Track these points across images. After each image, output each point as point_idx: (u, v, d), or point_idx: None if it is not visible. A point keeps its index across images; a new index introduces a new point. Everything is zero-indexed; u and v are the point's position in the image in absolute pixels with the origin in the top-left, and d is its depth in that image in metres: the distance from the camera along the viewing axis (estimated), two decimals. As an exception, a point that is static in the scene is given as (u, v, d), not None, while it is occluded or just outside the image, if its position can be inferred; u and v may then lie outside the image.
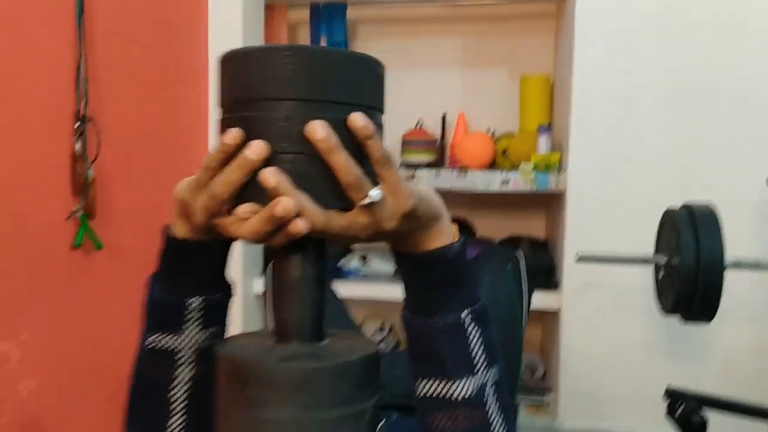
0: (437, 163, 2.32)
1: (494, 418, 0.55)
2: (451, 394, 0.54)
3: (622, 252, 1.54)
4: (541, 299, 2.05)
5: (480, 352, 0.55)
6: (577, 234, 2.00)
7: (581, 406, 2.05)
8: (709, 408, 1.43)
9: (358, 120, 0.44)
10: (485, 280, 1.14)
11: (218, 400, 0.48)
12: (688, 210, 1.44)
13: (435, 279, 0.54)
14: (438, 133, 2.47)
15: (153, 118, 1.85)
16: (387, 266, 2.53)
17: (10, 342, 1.30)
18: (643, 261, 1.52)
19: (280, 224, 0.44)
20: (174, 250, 0.56)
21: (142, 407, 0.61)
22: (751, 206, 1.92)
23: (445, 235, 0.53)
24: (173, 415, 0.58)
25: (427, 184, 0.57)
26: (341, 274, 2.36)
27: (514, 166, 2.16)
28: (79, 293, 1.52)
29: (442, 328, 0.54)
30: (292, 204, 0.43)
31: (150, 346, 0.59)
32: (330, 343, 0.50)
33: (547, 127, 2.14)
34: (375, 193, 0.45)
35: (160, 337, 0.58)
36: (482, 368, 0.55)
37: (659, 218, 1.56)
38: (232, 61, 0.47)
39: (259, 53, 0.45)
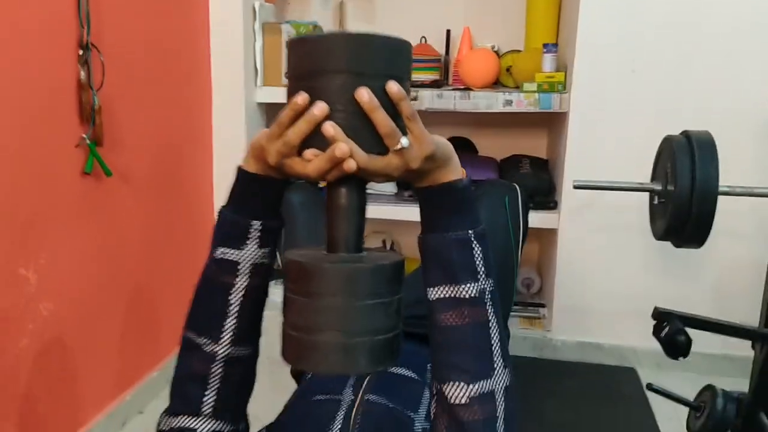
0: (440, 83, 2.31)
1: (492, 318, 0.67)
2: (459, 295, 0.66)
3: (617, 179, 1.57)
4: (539, 218, 2.11)
5: (481, 264, 0.68)
6: (578, 155, 2.02)
7: (573, 320, 2.15)
8: (693, 328, 1.51)
9: (393, 87, 0.59)
10: (485, 211, 1.19)
11: (285, 293, 0.63)
12: (687, 137, 1.46)
13: (448, 204, 0.67)
14: (442, 49, 2.44)
15: (157, 45, 1.83)
16: (389, 187, 2.57)
17: (28, 267, 1.37)
18: (639, 188, 1.54)
19: (336, 163, 0.59)
20: (245, 182, 0.70)
21: (205, 307, 0.72)
22: (752, 126, 1.93)
23: (455, 172, 0.67)
24: (229, 316, 0.71)
25: (433, 134, 0.69)
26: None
27: (518, 84, 2.15)
28: (91, 218, 1.58)
29: (453, 241, 0.66)
30: (347, 148, 0.58)
31: (218, 257, 0.71)
32: (367, 253, 0.66)
33: (553, 45, 2.11)
34: (405, 141, 0.61)
35: (226, 251, 0.71)
36: (483, 277, 0.68)
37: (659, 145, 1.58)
38: (299, 44, 0.62)
39: (320, 39, 0.61)
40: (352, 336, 0.59)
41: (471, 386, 0.65)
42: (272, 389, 1.16)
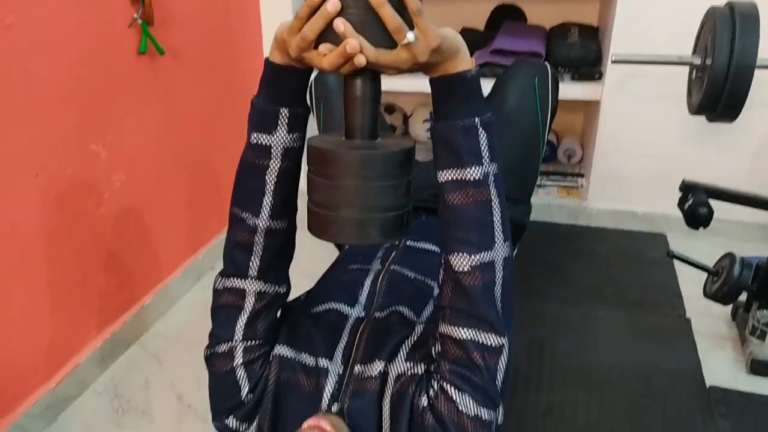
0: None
1: (494, 198, 0.73)
2: (464, 177, 0.72)
3: (656, 53, 1.55)
4: (583, 90, 2.12)
5: (486, 150, 0.72)
6: (625, 25, 1.98)
7: (610, 190, 2.21)
8: (718, 199, 1.56)
9: None
10: (514, 92, 1.23)
11: (309, 175, 0.71)
12: (730, 8, 1.43)
13: (456, 94, 0.71)
14: None
15: None
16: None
17: (98, 143, 1.52)
18: (678, 62, 1.53)
19: (348, 58, 0.64)
20: (272, 72, 0.76)
21: (245, 187, 0.82)
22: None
23: (464, 63, 0.70)
24: (266, 194, 0.80)
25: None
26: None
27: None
28: (149, 96, 1.70)
29: (461, 128, 0.71)
30: (356, 43, 0.63)
31: (253, 142, 0.79)
32: (381, 140, 0.73)
33: None
34: (411, 36, 0.64)
35: (259, 136, 0.79)
36: (487, 161, 0.72)
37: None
38: None
39: None
40: (365, 212, 0.68)
41: (473, 257, 0.73)
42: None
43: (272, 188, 0.80)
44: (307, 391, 0.83)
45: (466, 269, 0.74)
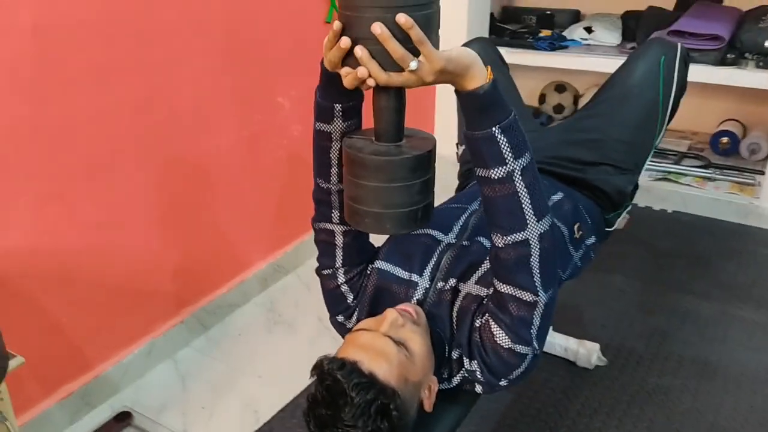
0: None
1: (521, 190, 0.81)
2: (490, 176, 0.81)
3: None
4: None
5: (508, 151, 0.80)
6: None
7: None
8: None
9: (400, 18, 0.70)
10: (640, 68, 1.25)
11: (344, 172, 0.85)
12: None
13: (473, 108, 0.79)
14: None
15: None
16: (612, 37, 2.50)
17: (283, 96, 1.80)
18: None
19: (361, 81, 0.75)
20: (324, 75, 0.87)
21: (317, 160, 0.98)
22: None
23: (476, 79, 0.77)
24: (333, 165, 0.96)
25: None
26: (561, 44, 2.45)
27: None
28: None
29: (479, 139, 0.80)
30: (365, 71, 0.73)
31: (317, 129, 0.94)
32: (405, 143, 0.82)
33: None
34: (413, 64, 0.72)
35: (321, 125, 0.93)
36: (511, 160, 0.80)
37: None
38: None
39: None
40: (382, 208, 0.80)
41: (506, 237, 0.83)
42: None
43: (336, 161, 0.95)
44: (399, 297, 1.01)
45: (501, 246, 0.85)
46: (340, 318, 1.08)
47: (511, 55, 2.41)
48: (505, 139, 0.79)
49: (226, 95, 1.62)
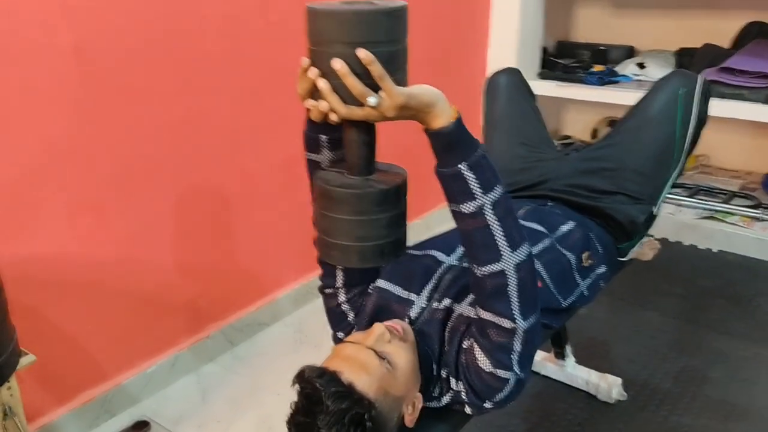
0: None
1: (493, 222, 0.82)
2: (461, 210, 0.83)
3: None
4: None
5: (476, 186, 0.80)
6: None
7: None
8: None
9: (360, 54, 0.70)
10: (657, 101, 1.24)
11: (314, 204, 0.85)
12: None
13: (439, 146, 0.80)
14: None
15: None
16: (663, 73, 2.44)
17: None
18: None
19: (325, 114, 0.76)
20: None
21: (311, 181, 0.96)
22: None
23: (439, 118, 0.77)
24: None
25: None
26: (611, 80, 2.43)
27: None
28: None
29: (447, 176, 0.81)
30: (326, 105, 0.75)
31: (307, 158, 0.96)
32: (375, 176, 0.82)
33: None
34: (372, 100, 0.72)
35: (310, 154, 0.95)
36: (480, 195, 0.81)
37: None
38: (310, 14, 0.74)
39: (317, 14, 0.73)
40: (349, 240, 0.80)
41: (482, 268, 0.85)
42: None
43: None
44: (397, 315, 1.02)
45: (479, 275, 0.86)
46: (340, 335, 1.11)
47: (561, 89, 2.47)
48: (473, 175, 0.80)
49: (264, 119, 1.70)
